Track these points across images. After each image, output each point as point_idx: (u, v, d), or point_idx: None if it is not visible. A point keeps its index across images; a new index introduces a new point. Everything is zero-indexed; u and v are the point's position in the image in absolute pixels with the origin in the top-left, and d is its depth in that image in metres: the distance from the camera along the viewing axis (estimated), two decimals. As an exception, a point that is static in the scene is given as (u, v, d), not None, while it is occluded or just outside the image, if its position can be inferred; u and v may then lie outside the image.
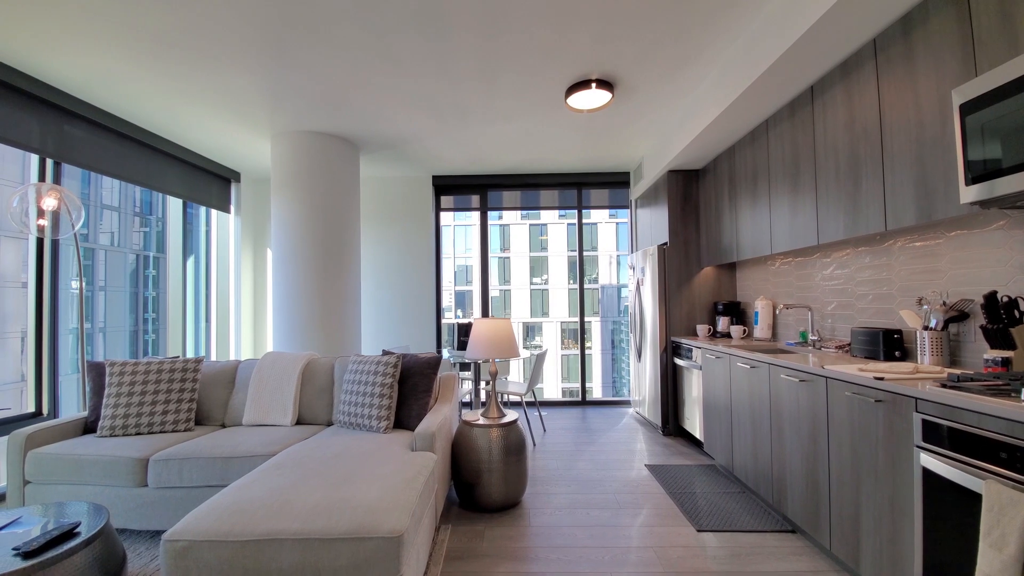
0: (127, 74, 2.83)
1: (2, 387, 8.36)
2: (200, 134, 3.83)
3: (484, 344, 2.60)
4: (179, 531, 1.43)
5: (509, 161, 4.67)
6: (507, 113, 3.48)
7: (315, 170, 3.83)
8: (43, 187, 2.76)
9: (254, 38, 2.48)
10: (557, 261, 23.39)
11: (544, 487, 2.84)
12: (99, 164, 3.39)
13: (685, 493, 2.71)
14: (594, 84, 2.93)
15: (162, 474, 2.21)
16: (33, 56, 2.61)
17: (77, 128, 3.20)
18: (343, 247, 3.97)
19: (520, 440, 2.58)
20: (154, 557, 2.09)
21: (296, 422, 2.75)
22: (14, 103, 2.79)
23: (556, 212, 23.25)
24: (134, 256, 9.64)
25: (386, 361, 2.50)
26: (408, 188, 5.09)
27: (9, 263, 8.81)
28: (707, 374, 3.20)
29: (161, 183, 3.99)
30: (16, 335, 8.43)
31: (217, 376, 2.87)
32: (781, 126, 2.75)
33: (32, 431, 2.34)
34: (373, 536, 1.40)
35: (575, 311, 22.60)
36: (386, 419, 2.40)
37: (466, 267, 23.85)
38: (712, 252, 3.75)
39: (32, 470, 2.27)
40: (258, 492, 1.62)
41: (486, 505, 2.49)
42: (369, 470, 1.81)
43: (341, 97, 3.18)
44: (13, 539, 1.54)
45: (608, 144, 4.21)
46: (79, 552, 1.54)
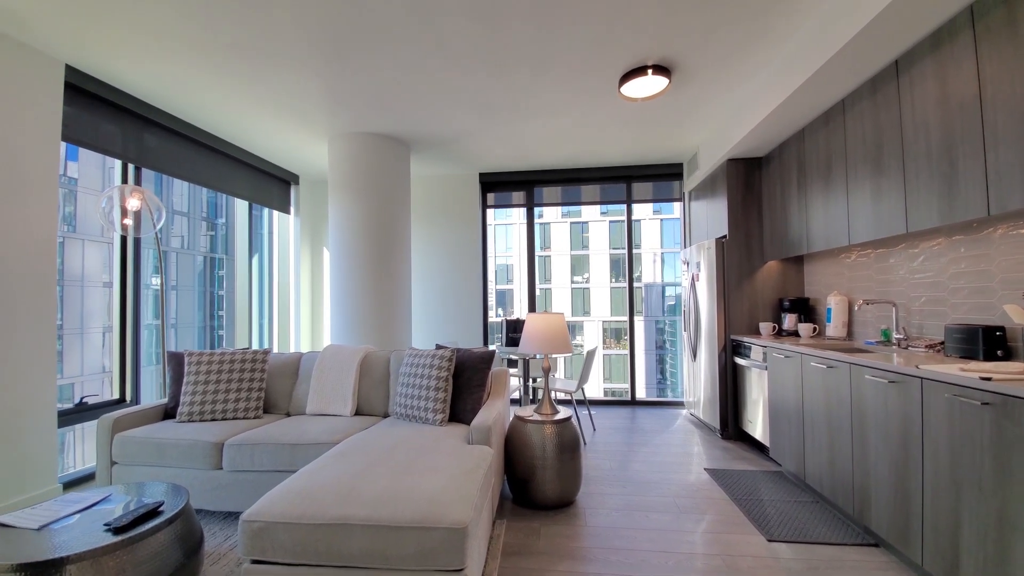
0: (199, 83, 3.01)
1: (88, 376, 9.20)
2: (263, 138, 4.03)
3: (538, 339, 2.56)
4: (256, 512, 1.48)
5: (556, 156, 4.61)
6: (556, 106, 3.42)
7: (369, 171, 3.94)
8: (127, 188, 2.98)
9: (315, 44, 2.56)
10: (599, 259, 23.02)
11: (598, 487, 2.76)
12: (174, 168, 3.64)
13: (751, 500, 2.55)
14: (650, 70, 2.81)
15: (236, 458, 2.33)
16: (116, 68, 2.82)
17: (154, 135, 3.45)
18: (395, 245, 4.05)
19: (574, 438, 2.52)
20: (228, 537, 2.21)
21: (355, 412, 2.82)
22: (101, 113, 3.04)
23: (598, 209, 22.87)
24: (202, 258, 10.35)
25: (441, 355, 2.51)
26: (456, 186, 5.14)
27: (92, 264, 9.70)
28: (774, 375, 3.00)
29: (228, 186, 4.24)
30: (98, 330, 9.26)
31: (282, 367, 3.00)
32: (860, 105, 2.53)
33: (118, 416, 2.53)
34: (438, 527, 1.40)
35: (618, 310, 22.18)
36: (442, 412, 2.41)
37: (507, 266, 23.93)
38: (777, 245, 3.52)
39: (118, 452, 2.45)
40: (326, 478, 1.66)
41: (540, 502, 2.44)
42: (429, 461, 1.81)
43: (395, 98, 3.24)
44: (104, 515, 1.65)
45: (661, 134, 4.05)
46: (162, 530, 1.63)
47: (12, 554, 1.38)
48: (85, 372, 9.31)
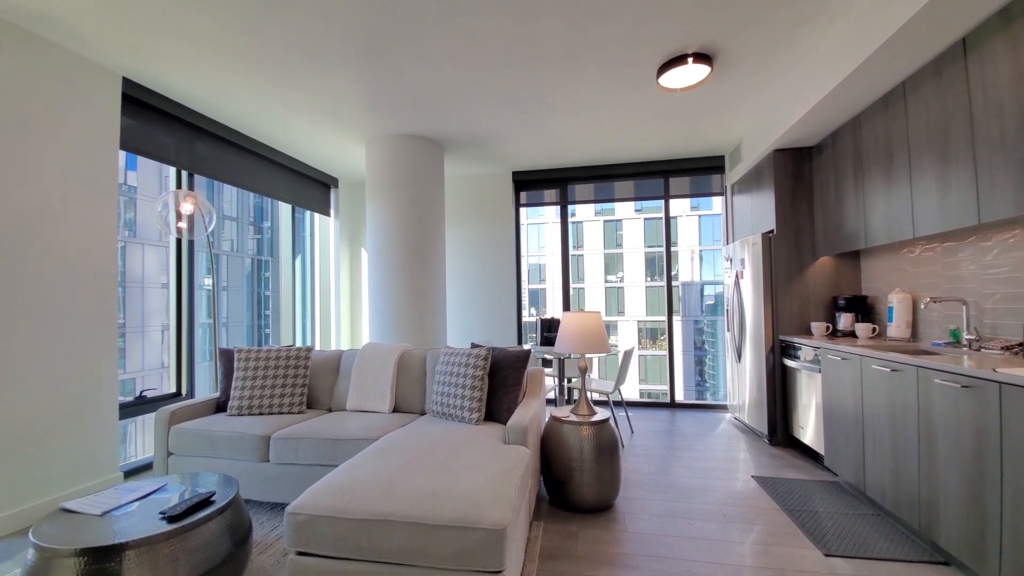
0: (245, 91, 3.14)
1: (149, 371, 9.85)
2: (304, 143, 4.17)
3: (573, 338, 2.50)
4: (300, 505, 1.51)
5: (589, 152, 4.53)
6: (591, 100, 3.35)
7: (405, 172, 3.99)
8: (181, 193, 3.15)
9: (351, 48, 2.61)
10: (633, 257, 22.55)
11: (638, 491, 2.68)
12: (223, 174, 3.82)
13: (805, 511, 2.40)
14: (691, 58, 2.70)
15: (282, 451, 2.41)
16: (169, 79, 2.98)
17: (205, 143, 3.63)
18: (430, 245, 4.10)
19: (612, 440, 2.45)
20: (275, 527, 2.28)
21: (393, 409, 2.86)
22: (156, 122, 3.22)
23: (632, 207, 22.42)
24: (250, 260, 10.86)
25: (476, 354, 2.50)
26: (489, 185, 5.14)
27: (152, 267, 10.38)
28: (828, 378, 2.82)
29: (273, 190, 4.41)
30: (157, 328, 9.90)
31: (324, 364, 3.08)
32: (923, 88, 2.34)
33: (174, 409, 2.67)
34: (476, 527, 1.38)
35: (653, 309, 21.65)
36: (478, 411, 2.40)
37: (539, 265, 23.84)
38: (831, 239, 3.31)
39: (174, 443, 2.58)
40: (366, 474, 1.67)
41: (578, 505, 2.39)
42: (466, 460, 1.80)
43: (428, 99, 3.27)
44: (160, 504, 1.73)
45: (701, 126, 3.90)
46: (214, 519, 1.70)
47: (75, 539, 1.46)
48: (146, 367, 9.99)
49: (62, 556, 1.41)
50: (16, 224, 2.35)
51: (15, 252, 2.34)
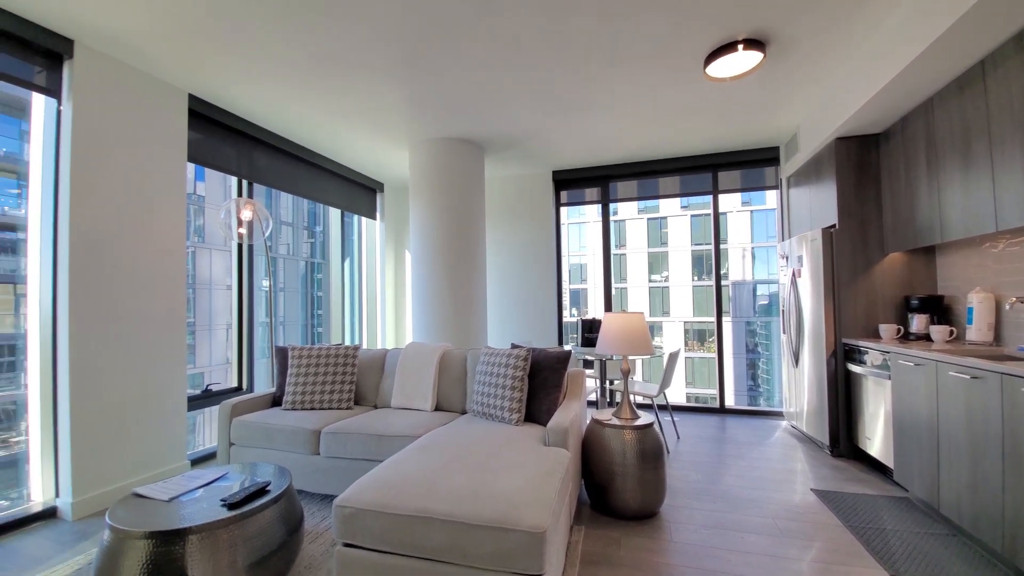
0: (298, 103, 3.31)
1: (215, 366, 10.62)
2: (352, 150, 4.35)
3: (616, 339, 2.45)
4: (347, 498, 1.57)
5: (632, 149, 4.41)
6: (633, 95, 3.26)
7: (446, 175, 4.07)
8: (241, 201, 3.36)
9: (395, 56, 2.69)
10: (679, 256, 21.79)
11: (684, 500, 2.58)
12: (279, 182, 4.05)
13: (871, 529, 2.22)
14: (741, 45, 2.57)
15: (331, 445, 2.52)
16: (231, 94, 3.19)
17: (262, 153, 3.86)
18: (471, 247, 4.14)
19: (657, 445, 2.37)
20: (324, 518, 2.38)
21: (435, 408, 2.91)
22: (219, 136, 3.46)
23: (677, 203, 21.67)
24: (304, 263, 11.47)
25: (516, 354, 2.50)
26: (529, 185, 5.14)
27: (218, 270, 11.21)
28: (900, 385, 2.59)
29: (323, 196, 4.63)
30: (223, 327, 10.70)
31: (370, 362, 3.19)
32: (1005, 66, 2.09)
33: (236, 402, 2.85)
34: (516, 529, 1.37)
35: (701, 309, 20.82)
36: (517, 411, 2.40)
37: (580, 265, 23.57)
38: (901, 234, 3.04)
39: (235, 434, 2.76)
40: (409, 471, 1.71)
41: (620, 511, 2.33)
42: (506, 460, 1.80)
43: (468, 100, 3.30)
44: (221, 492, 1.85)
45: (753, 116, 3.70)
46: (270, 507, 1.80)
47: (145, 522, 1.59)
48: (212, 362, 10.79)
49: (133, 538, 1.54)
50: (102, 234, 2.60)
51: (102, 258, 2.59)
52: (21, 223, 7.22)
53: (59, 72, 2.50)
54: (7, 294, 9.37)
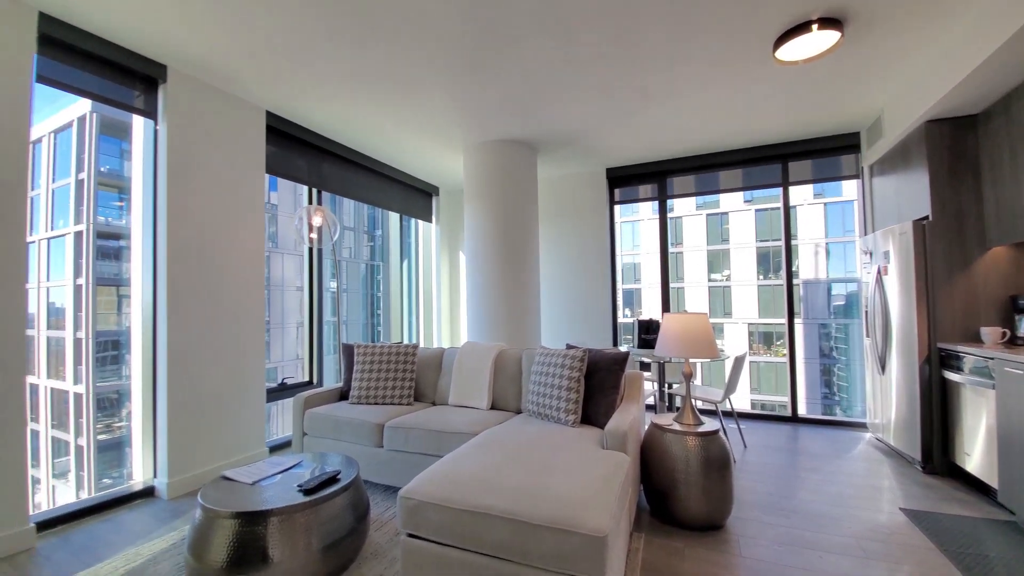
0: (360, 114, 3.49)
1: (288, 362, 11.44)
2: (410, 156, 4.51)
3: (677, 341, 2.35)
4: (410, 490, 1.63)
5: (691, 142, 4.23)
6: (694, 85, 3.13)
7: (500, 177, 4.11)
8: (312, 208, 3.60)
9: (450, 62, 2.75)
10: (742, 254, 20.56)
11: (753, 513, 2.43)
12: (343, 189, 4.29)
13: (970, 555, 1.97)
14: (815, 25, 2.38)
15: (393, 438, 2.63)
16: (303, 110, 3.42)
17: (329, 163, 4.11)
18: (525, 247, 4.16)
19: (723, 454, 2.25)
20: (387, 508, 2.49)
21: (491, 406, 2.96)
22: (292, 148, 3.72)
23: (738, 198, 20.47)
24: (364, 265, 12.08)
25: (572, 355, 2.48)
26: (582, 184, 5.07)
27: (289, 273, 12.10)
28: (1006, 395, 2.29)
29: (383, 201, 4.85)
30: (293, 325, 11.55)
31: (428, 360, 3.30)
32: None
33: (308, 395, 3.05)
34: (576, 531, 1.36)
35: (767, 310, 19.53)
36: (574, 412, 2.38)
37: (634, 264, 22.91)
38: (1006, 225, 2.68)
39: (308, 425, 2.95)
40: (469, 467, 1.75)
41: (682, 520, 2.24)
42: (564, 462, 1.79)
43: (523, 101, 3.32)
44: (296, 478, 1.99)
45: (829, 100, 3.42)
46: (340, 495, 1.91)
47: (232, 503, 1.74)
48: (285, 358, 11.68)
49: (222, 517, 1.69)
50: (194, 240, 2.89)
51: (194, 263, 2.88)
52: (123, 232, 8.26)
53: (155, 95, 2.80)
54: (112, 295, 10.41)
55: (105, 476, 10.13)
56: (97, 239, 11.39)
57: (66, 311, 11.24)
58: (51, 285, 12.04)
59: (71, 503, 2.51)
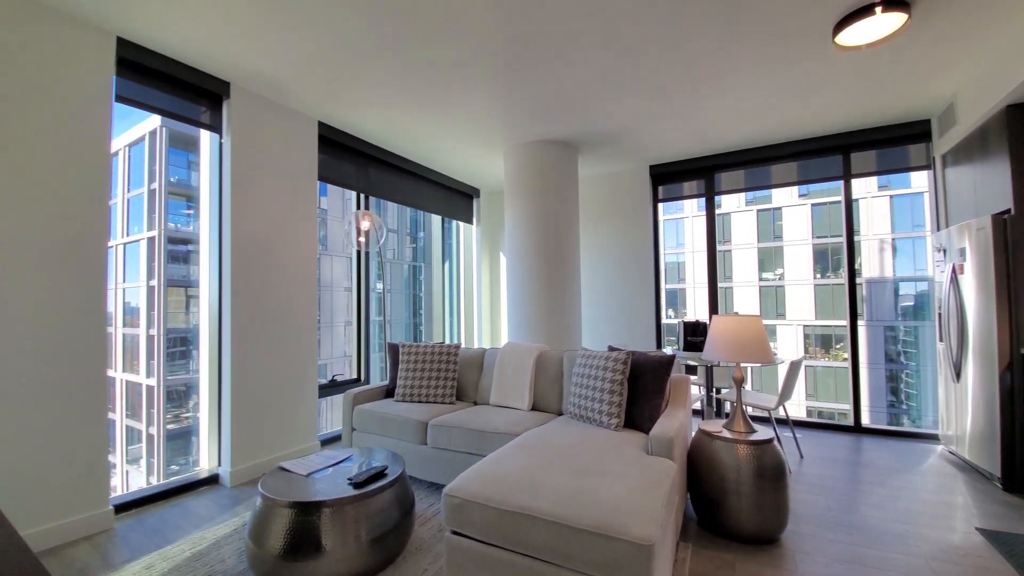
0: (406, 121, 3.59)
1: (336, 359, 11.95)
2: (451, 160, 4.60)
3: (727, 344, 2.26)
4: (455, 488, 1.66)
5: (740, 135, 4.05)
6: (745, 76, 2.99)
7: (540, 177, 4.10)
8: (360, 213, 3.74)
9: (492, 65, 2.78)
10: (796, 251, 19.45)
11: (811, 527, 2.29)
12: (389, 194, 4.44)
13: (1073, 588, 1.77)
14: (879, 7, 2.22)
15: (437, 436, 2.69)
16: (352, 119, 3.56)
17: (376, 169, 4.25)
18: (565, 248, 4.13)
19: (778, 464, 2.14)
20: (431, 504, 2.55)
21: (531, 407, 2.96)
22: (341, 156, 3.89)
23: (791, 192, 19.37)
24: (407, 266, 12.43)
25: (615, 357, 2.43)
26: (624, 182, 4.97)
27: (338, 274, 12.65)
28: (1113, 409, 2.04)
29: (426, 204, 4.96)
30: (341, 324, 12.10)
31: (470, 360, 3.34)
32: None
33: (357, 391, 3.17)
34: (622, 538, 1.33)
35: (825, 311, 18.38)
36: (617, 416, 2.33)
37: (677, 264, 22.20)
38: (1114, 218, 2.39)
39: (356, 421, 3.07)
40: (511, 468, 1.76)
41: (733, 532, 2.15)
42: (607, 466, 1.76)
43: (565, 101, 3.30)
44: (346, 472, 2.07)
45: (895, 86, 3.18)
46: (387, 490, 1.97)
47: (289, 493, 1.84)
48: (333, 356, 12.22)
49: (280, 506, 1.79)
50: (254, 245, 3.07)
51: (255, 266, 3.06)
52: (191, 237, 8.96)
53: (219, 110, 3.00)
54: (180, 295, 11.43)
55: (172, 463, 10.96)
56: (168, 244, 12.37)
57: (140, 310, 12.28)
58: (127, 286, 13.19)
59: (145, 488, 2.74)
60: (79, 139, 2.30)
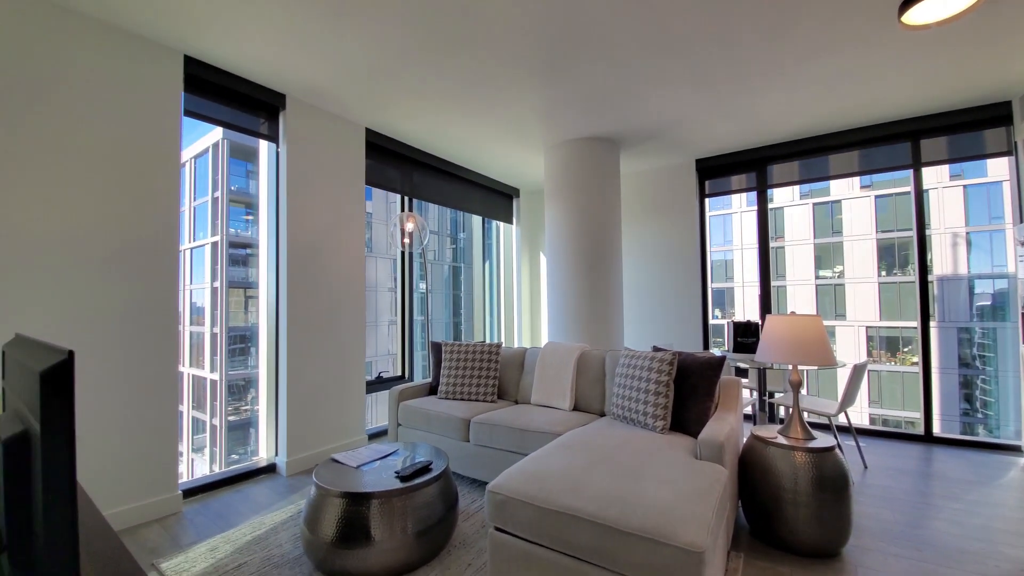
0: (447, 124, 3.66)
1: (381, 357, 12.33)
2: (492, 160, 4.64)
3: (784, 346, 2.14)
4: (498, 485, 1.68)
5: (795, 125, 3.83)
6: (801, 61, 2.83)
7: (581, 176, 4.06)
8: (405, 215, 3.85)
9: (533, 65, 2.78)
10: (858, 246, 18.17)
11: (876, 543, 2.14)
12: (432, 196, 4.54)
13: None
14: (957, -20, 2.03)
15: (479, 434, 2.72)
16: (397, 125, 3.68)
17: (419, 172, 4.37)
18: (607, 246, 4.07)
19: (840, 474, 2.01)
20: (473, 500, 2.58)
21: (573, 408, 2.93)
22: (386, 160, 4.01)
23: (856, 183, 18.11)
24: (447, 266, 12.66)
25: (660, 357, 2.37)
26: (668, 177, 4.83)
27: (382, 275, 13.06)
28: None
29: (467, 205, 5.04)
30: (385, 323, 12.48)
31: (511, 359, 3.36)
32: None
33: (402, 388, 3.27)
34: (670, 544, 1.30)
35: (891, 311, 17.09)
36: (662, 418, 2.27)
37: (724, 261, 21.31)
38: None
39: (401, 417, 3.16)
40: (554, 467, 1.75)
41: (789, 544, 2.04)
42: (653, 470, 1.72)
43: (607, 97, 3.24)
44: (393, 465, 2.13)
45: (968, 66, 2.90)
46: (432, 484, 2.01)
47: (341, 484, 1.91)
48: (377, 353, 12.64)
49: (332, 495, 1.87)
50: (309, 248, 3.23)
51: (309, 268, 3.22)
52: (250, 241, 9.61)
53: (276, 121, 3.18)
54: (240, 296, 12.33)
55: (232, 452, 11.72)
56: (229, 248, 13.25)
57: (205, 309, 13.23)
58: (193, 287, 14.25)
59: (210, 475, 2.94)
60: (153, 152, 2.50)
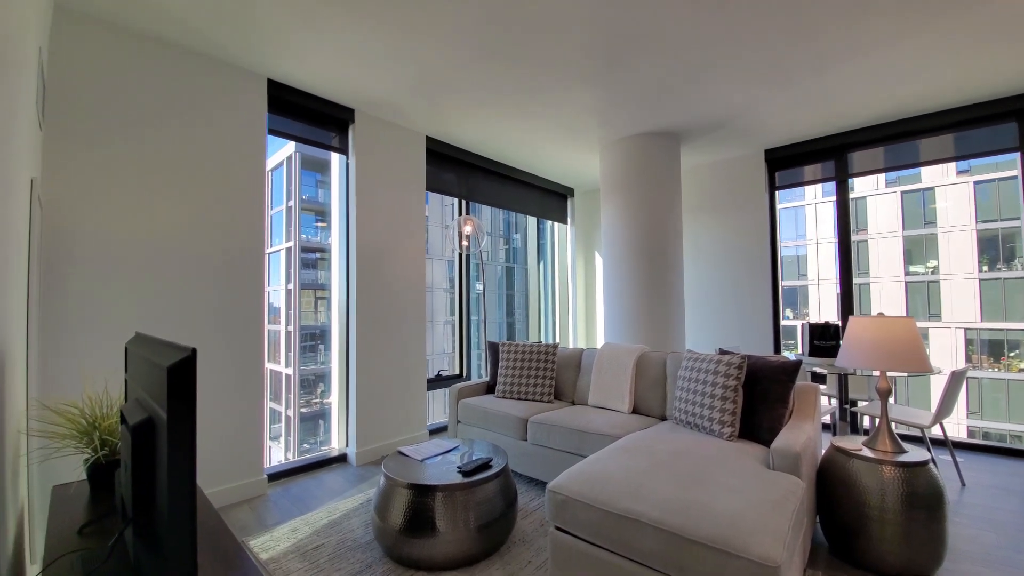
0: (502, 128, 3.73)
1: (440, 355, 12.75)
2: (546, 161, 4.65)
3: (870, 350, 1.97)
4: (558, 485, 1.69)
5: (876, 108, 3.49)
6: (885, 39, 2.58)
7: (638, 172, 3.96)
8: (463, 219, 3.96)
9: (589, 63, 2.76)
10: (954, 239, 16.23)
11: (974, 568, 1.91)
12: (487, 198, 4.63)
13: None
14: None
15: (537, 433, 2.74)
16: (454, 131, 3.79)
17: (475, 175, 4.47)
18: (666, 244, 3.94)
19: (934, 491, 1.83)
20: (532, 499, 2.61)
21: (632, 410, 2.87)
22: (445, 166, 4.15)
23: (951, 169, 16.18)
24: (501, 267, 12.83)
25: (728, 361, 2.27)
26: (734, 170, 4.59)
27: (438, 276, 13.50)
28: None
29: (521, 206, 5.09)
30: (440, 323, 12.89)
31: (567, 360, 3.36)
32: None
33: (461, 387, 3.37)
34: (742, 556, 1.24)
35: (994, 311, 15.12)
36: (730, 425, 2.17)
37: (796, 257, 19.81)
38: None
39: (461, 414, 3.25)
40: (614, 470, 1.73)
41: (873, 564, 1.87)
42: (720, 479, 1.65)
43: (666, 90, 3.14)
44: (454, 461, 2.21)
45: (1105, 31, 2.51)
46: (493, 480, 2.06)
47: (408, 475, 2.01)
48: (434, 352, 13.09)
49: (400, 486, 1.97)
50: (375, 252, 3.43)
51: (375, 270, 3.42)
52: (320, 246, 10.34)
53: (346, 134, 3.39)
54: (311, 297, 13.31)
55: (304, 442, 12.63)
56: (301, 252, 14.32)
57: (280, 309, 14.35)
58: (270, 289, 15.51)
59: (291, 461, 3.19)
60: (245, 167, 2.77)
